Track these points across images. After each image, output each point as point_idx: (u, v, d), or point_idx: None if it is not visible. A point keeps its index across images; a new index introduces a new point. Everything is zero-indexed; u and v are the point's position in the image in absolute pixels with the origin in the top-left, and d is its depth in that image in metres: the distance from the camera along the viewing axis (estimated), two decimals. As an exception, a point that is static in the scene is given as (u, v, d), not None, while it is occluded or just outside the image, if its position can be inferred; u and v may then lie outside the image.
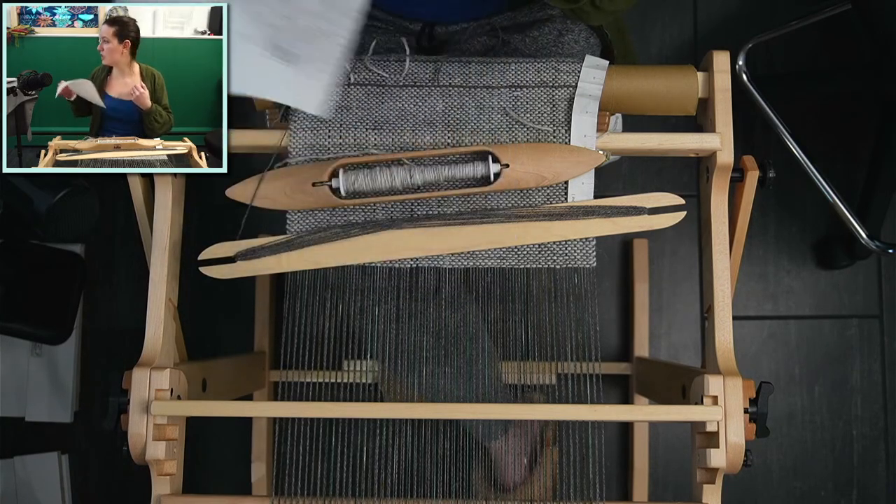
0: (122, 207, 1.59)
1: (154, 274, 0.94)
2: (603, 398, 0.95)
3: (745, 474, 1.16)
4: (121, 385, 0.90)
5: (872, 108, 1.63)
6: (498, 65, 0.99)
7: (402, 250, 0.94)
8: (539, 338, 0.99)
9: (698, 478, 0.91)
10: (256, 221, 1.60)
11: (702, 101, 0.98)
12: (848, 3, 1.59)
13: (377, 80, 0.98)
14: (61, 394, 1.63)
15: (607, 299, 1.65)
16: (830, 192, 1.56)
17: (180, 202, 0.97)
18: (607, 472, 0.94)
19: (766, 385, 0.90)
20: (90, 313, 1.67)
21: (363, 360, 1.02)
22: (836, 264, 1.66)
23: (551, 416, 0.99)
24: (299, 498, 0.92)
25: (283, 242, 0.95)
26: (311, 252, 0.94)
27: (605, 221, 0.94)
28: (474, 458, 1.14)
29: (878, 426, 1.64)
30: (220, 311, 1.64)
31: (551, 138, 0.96)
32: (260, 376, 1.43)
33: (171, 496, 0.90)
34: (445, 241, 0.94)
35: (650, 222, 0.94)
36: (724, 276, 0.95)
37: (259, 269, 0.95)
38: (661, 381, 1.23)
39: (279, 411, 0.95)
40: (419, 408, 0.93)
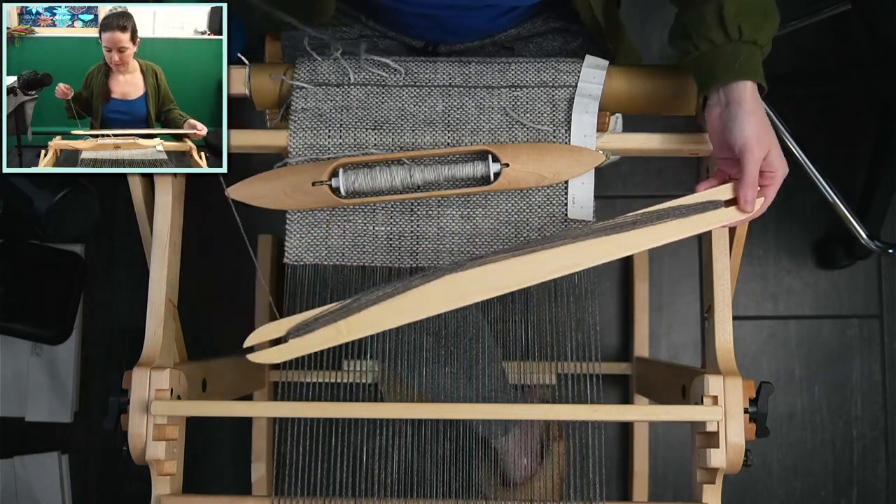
0: (122, 207, 1.59)
1: (154, 274, 0.94)
2: (603, 398, 0.95)
3: (745, 474, 1.16)
4: (121, 385, 0.90)
5: (872, 108, 1.63)
6: (498, 65, 0.99)
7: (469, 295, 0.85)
8: (539, 338, 0.99)
9: (698, 478, 0.91)
10: (256, 221, 1.60)
11: (702, 101, 0.98)
12: (848, 3, 1.59)
13: (377, 80, 0.98)
14: (61, 394, 1.63)
15: (607, 299, 1.65)
16: (830, 192, 1.56)
17: (180, 202, 0.97)
18: (607, 472, 0.94)
19: (766, 385, 0.90)
20: (90, 313, 1.67)
21: (363, 360, 1.02)
22: (836, 264, 1.66)
23: (551, 416, 1.00)
24: (299, 498, 0.92)
25: (339, 310, 0.85)
26: (372, 314, 0.85)
27: (684, 222, 0.88)
28: (480, 456, 1.14)
29: (878, 426, 1.64)
30: (220, 311, 1.64)
31: (551, 138, 0.96)
32: (260, 376, 1.43)
33: (171, 496, 0.90)
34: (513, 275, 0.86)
35: (730, 215, 0.88)
36: (724, 276, 0.95)
37: (316, 344, 0.85)
38: (661, 381, 1.23)
39: (279, 411, 0.95)
40: (419, 408, 0.93)
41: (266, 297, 1.54)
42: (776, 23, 0.90)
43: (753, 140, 0.85)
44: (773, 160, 0.87)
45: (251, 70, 0.97)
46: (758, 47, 0.88)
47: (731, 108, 0.87)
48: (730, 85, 0.87)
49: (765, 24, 0.89)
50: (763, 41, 0.88)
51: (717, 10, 0.87)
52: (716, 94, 0.89)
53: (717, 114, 0.89)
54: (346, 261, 0.97)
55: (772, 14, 0.90)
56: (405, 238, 0.97)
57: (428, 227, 0.97)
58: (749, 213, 0.88)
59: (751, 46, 0.88)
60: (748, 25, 0.87)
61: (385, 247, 0.97)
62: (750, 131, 0.85)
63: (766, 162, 0.87)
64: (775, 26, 0.90)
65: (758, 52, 0.88)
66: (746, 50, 0.88)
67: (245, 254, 1.57)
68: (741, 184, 0.87)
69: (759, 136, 0.86)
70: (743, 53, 0.87)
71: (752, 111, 0.86)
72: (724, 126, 0.87)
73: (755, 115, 0.86)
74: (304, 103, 0.97)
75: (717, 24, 0.88)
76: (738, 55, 0.87)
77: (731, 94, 0.87)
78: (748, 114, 0.86)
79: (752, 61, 0.88)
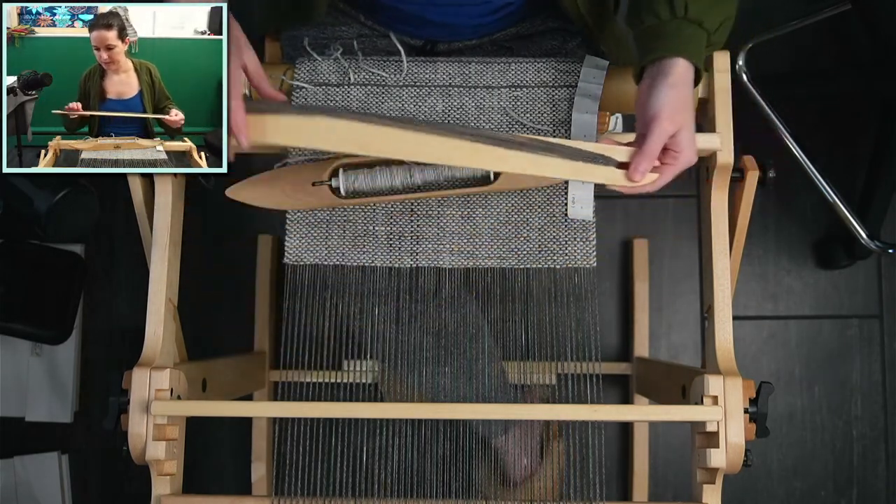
0: (122, 207, 1.59)
1: (154, 274, 0.94)
2: (603, 398, 0.95)
3: (745, 474, 1.16)
4: (121, 385, 0.90)
5: (872, 107, 1.63)
6: (498, 65, 0.99)
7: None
8: (539, 338, 0.99)
9: (698, 478, 0.91)
10: (256, 222, 1.60)
11: (702, 101, 0.98)
12: (848, 3, 1.59)
13: (377, 80, 0.98)
14: (61, 394, 1.63)
15: (607, 299, 1.65)
16: (830, 192, 1.56)
17: (180, 202, 0.97)
18: (607, 472, 0.94)
19: (765, 385, 0.90)
20: (90, 313, 1.67)
21: (363, 360, 1.02)
22: (836, 264, 1.66)
23: (551, 416, 1.00)
24: (299, 498, 0.92)
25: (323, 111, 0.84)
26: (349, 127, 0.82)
27: (567, 163, 0.85)
28: (479, 456, 1.14)
29: (878, 426, 1.64)
30: (220, 311, 1.64)
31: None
32: (260, 376, 1.43)
33: (171, 496, 0.90)
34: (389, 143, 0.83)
35: (615, 177, 0.86)
36: (724, 276, 0.95)
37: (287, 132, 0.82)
38: (661, 381, 1.23)
39: (279, 411, 0.95)
40: (419, 408, 0.93)
41: (266, 297, 1.54)
42: (729, 11, 0.89)
43: (666, 111, 0.84)
44: (682, 140, 0.86)
45: (251, 70, 0.97)
46: (703, 31, 0.88)
47: (656, 80, 0.86)
48: (664, 59, 0.86)
49: (713, 8, 0.88)
50: (710, 25, 0.88)
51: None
52: (651, 67, 0.88)
53: (646, 85, 0.87)
54: (346, 261, 0.97)
55: (724, 3, 0.89)
56: (405, 238, 0.97)
57: (428, 227, 0.97)
58: (635, 182, 0.86)
59: (695, 27, 0.87)
60: (695, 5, 0.87)
61: (385, 247, 0.97)
62: (665, 102, 0.84)
63: (674, 140, 0.86)
64: (728, 15, 0.89)
65: (702, 35, 0.88)
66: (689, 28, 0.87)
67: (245, 254, 1.58)
68: (638, 151, 0.86)
69: (673, 110, 0.84)
70: (685, 31, 0.87)
71: (674, 84, 0.85)
72: (646, 97, 0.87)
73: (677, 89, 0.85)
74: (304, 103, 0.97)
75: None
76: (679, 32, 0.87)
77: (662, 66, 0.86)
78: (670, 87, 0.85)
79: (693, 41, 0.87)
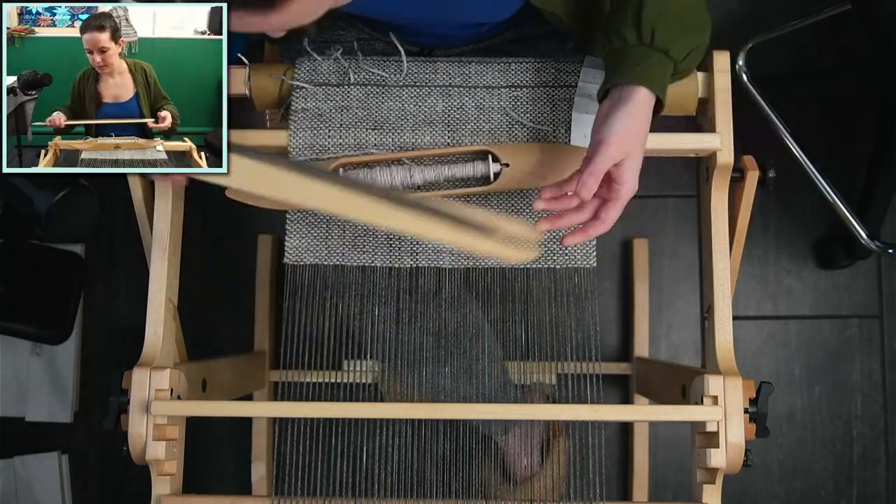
0: (122, 207, 1.59)
1: (154, 274, 0.94)
2: (603, 398, 0.95)
3: (745, 474, 1.16)
4: (121, 385, 0.90)
5: (872, 108, 1.63)
6: (498, 65, 0.99)
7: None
8: (539, 338, 0.99)
9: (698, 478, 0.91)
10: (256, 222, 1.60)
11: (702, 101, 0.98)
12: (848, 3, 1.59)
13: (377, 80, 0.98)
14: (61, 394, 1.63)
15: (607, 299, 1.65)
16: (830, 192, 1.56)
17: (180, 202, 0.97)
18: (607, 472, 0.94)
19: (765, 385, 0.90)
20: (90, 313, 1.67)
21: (363, 360, 1.02)
22: (836, 264, 1.66)
23: (551, 416, 1.00)
24: (299, 498, 0.92)
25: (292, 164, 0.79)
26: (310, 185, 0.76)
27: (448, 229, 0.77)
28: (483, 453, 1.14)
29: (878, 426, 1.64)
30: (220, 311, 1.64)
31: (551, 138, 0.96)
32: (260, 376, 1.43)
33: (171, 496, 0.90)
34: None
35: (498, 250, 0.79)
36: (724, 276, 0.95)
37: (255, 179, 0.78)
38: (661, 381, 1.23)
39: (279, 411, 0.95)
40: (419, 408, 0.93)
41: (266, 296, 1.54)
42: (700, 39, 0.87)
43: (616, 137, 0.82)
44: (626, 171, 0.83)
45: (251, 70, 0.98)
46: (669, 59, 0.85)
47: (616, 105, 0.84)
48: (627, 86, 0.84)
49: (682, 38, 0.86)
50: (676, 54, 0.85)
51: (637, 9, 0.85)
52: (614, 90, 0.86)
53: (605, 109, 0.85)
54: (346, 261, 0.97)
55: (693, 32, 0.87)
56: (405, 238, 0.97)
57: (428, 227, 0.97)
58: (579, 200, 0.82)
59: (660, 55, 0.85)
60: (662, 33, 0.85)
61: (385, 246, 0.97)
62: (618, 128, 0.82)
63: (618, 169, 0.83)
64: (698, 43, 0.87)
65: (668, 64, 0.86)
66: (654, 56, 0.85)
67: (245, 254, 1.58)
68: (584, 170, 0.82)
69: (623, 138, 0.82)
70: (651, 59, 0.85)
71: (631, 113, 0.83)
72: (601, 120, 0.85)
73: (633, 118, 0.83)
74: (304, 103, 0.97)
75: (634, 23, 0.85)
76: (643, 58, 0.85)
77: (623, 92, 0.84)
78: (626, 115, 0.83)
79: (657, 70, 0.85)
